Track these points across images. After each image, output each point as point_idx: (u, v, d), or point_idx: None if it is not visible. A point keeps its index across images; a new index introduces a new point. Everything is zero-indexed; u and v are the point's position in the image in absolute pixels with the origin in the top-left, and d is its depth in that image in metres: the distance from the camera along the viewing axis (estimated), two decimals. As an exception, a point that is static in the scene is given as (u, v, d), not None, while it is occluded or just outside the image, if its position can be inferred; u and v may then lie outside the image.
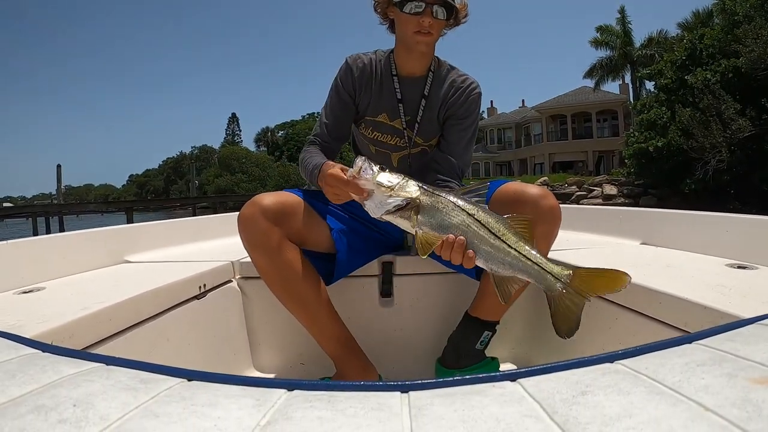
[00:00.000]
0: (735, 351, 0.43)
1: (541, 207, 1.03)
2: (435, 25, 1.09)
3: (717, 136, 11.74)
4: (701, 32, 14.05)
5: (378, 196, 0.81)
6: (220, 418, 0.35)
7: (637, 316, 0.92)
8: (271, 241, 1.00)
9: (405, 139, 1.22)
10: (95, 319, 0.82)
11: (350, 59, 1.21)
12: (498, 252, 0.80)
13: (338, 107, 1.21)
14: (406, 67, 1.19)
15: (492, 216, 0.82)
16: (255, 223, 0.99)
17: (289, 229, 1.04)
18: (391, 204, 0.80)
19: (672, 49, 15.64)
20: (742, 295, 0.80)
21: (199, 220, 1.95)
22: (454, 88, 1.20)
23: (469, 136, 1.22)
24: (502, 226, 0.81)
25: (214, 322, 1.18)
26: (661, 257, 1.22)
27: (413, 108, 1.20)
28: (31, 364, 0.47)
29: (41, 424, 0.34)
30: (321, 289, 1.08)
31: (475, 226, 0.80)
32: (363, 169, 0.81)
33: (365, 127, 1.24)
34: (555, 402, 0.36)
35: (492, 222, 0.81)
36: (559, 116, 27.69)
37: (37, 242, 1.22)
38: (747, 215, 1.24)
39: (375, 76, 1.20)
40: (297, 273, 1.03)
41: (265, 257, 1.02)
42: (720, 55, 12.79)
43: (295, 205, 1.07)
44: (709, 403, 0.34)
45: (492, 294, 1.11)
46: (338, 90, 1.21)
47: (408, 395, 0.39)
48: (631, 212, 1.66)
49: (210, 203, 25.53)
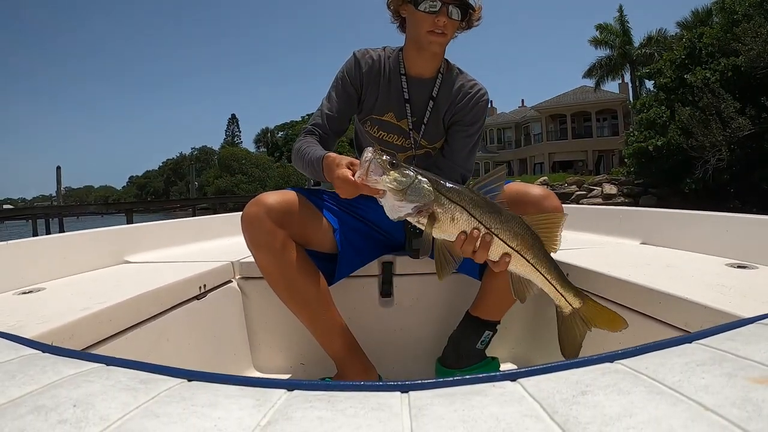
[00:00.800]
0: (735, 350, 0.43)
1: (544, 208, 1.02)
2: (449, 25, 1.07)
3: (717, 135, 11.75)
4: (700, 31, 14.07)
5: (390, 200, 0.75)
6: (221, 419, 0.35)
7: (637, 315, 0.92)
8: (275, 241, 0.99)
9: (410, 140, 1.20)
10: (95, 320, 0.82)
11: (358, 53, 1.19)
12: (514, 264, 0.79)
13: (342, 100, 1.19)
14: (416, 67, 1.17)
15: (514, 228, 0.77)
16: (260, 223, 0.98)
17: (293, 229, 1.03)
18: (404, 212, 0.75)
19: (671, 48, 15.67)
20: (742, 295, 0.80)
21: (200, 221, 1.95)
22: (462, 93, 1.18)
23: (473, 143, 1.21)
24: (523, 240, 0.78)
25: (214, 323, 1.18)
26: (661, 257, 1.22)
27: (420, 109, 1.18)
28: (31, 364, 0.47)
29: (41, 425, 0.34)
30: (324, 290, 1.07)
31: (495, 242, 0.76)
32: (372, 169, 0.74)
33: (371, 125, 1.22)
34: (555, 402, 0.36)
35: (512, 235, 0.77)
36: (559, 116, 27.68)
37: (37, 242, 1.22)
38: (747, 215, 1.23)
39: (383, 73, 1.18)
40: (300, 273, 1.02)
41: (270, 257, 1.01)
42: (719, 54, 12.79)
43: (298, 205, 1.06)
44: (709, 403, 0.34)
45: (493, 293, 1.11)
46: (344, 83, 1.18)
47: (408, 395, 0.39)
48: (631, 212, 1.65)
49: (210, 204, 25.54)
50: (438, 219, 0.76)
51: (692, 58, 13.58)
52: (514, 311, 1.30)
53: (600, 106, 26.14)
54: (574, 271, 1.13)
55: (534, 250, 0.78)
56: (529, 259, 0.78)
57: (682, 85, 13.43)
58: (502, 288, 1.07)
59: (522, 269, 0.79)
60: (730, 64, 12.22)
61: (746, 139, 11.61)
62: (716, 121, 11.80)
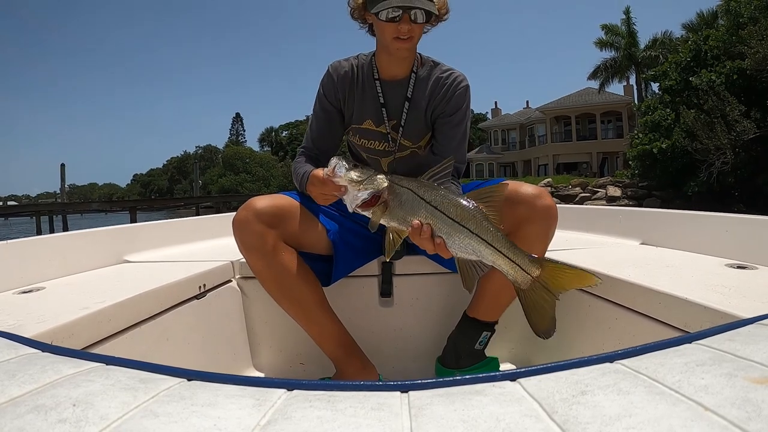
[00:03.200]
0: (735, 351, 0.43)
1: (536, 206, 1.01)
2: (414, 29, 1.05)
3: (722, 138, 11.69)
4: (706, 33, 14.01)
5: (350, 192, 0.85)
6: (220, 418, 0.35)
7: (636, 316, 0.92)
8: (265, 244, 1.01)
9: (392, 144, 1.19)
10: (95, 319, 0.82)
11: (332, 66, 1.19)
12: (459, 238, 0.79)
13: (322, 117, 1.19)
14: (389, 70, 1.16)
15: (456, 202, 0.80)
16: (248, 226, 1.00)
17: (285, 232, 1.04)
18: (360, 198, 0.84)
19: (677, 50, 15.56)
20: (742, 295, 0.80)
21: (199, 220, 1.95)
22: (440, 85, 1.16)
23: (461, 132, 1.18)
24: (466, 211, 0.79)
25: (213, 322, 1.18)
26: (660, 257, 1.22)
27: (397, 110, 1.17)
28: (30, 363, 0.47)
29: (41, 424, 0.34)
30: (317, 291, 1.08)
31: (437, 214, 0.81)
32: (336, 166, 0.86)
33: (353, 135, 1.22)
34: (555, 402, 0.36)
35: (454, 208, 0.80)
36: (564, 117, 27.62)
37: (37, 242, 1.22)
38: (746, 215, 1.23)
39: (357, 81, 1.17)
40: (292, 275, 1.03)
41: (261, 260, 1.02)
42: (725, 57, 12.74)
43: (290, 208, 1.07)
44: (709, 403, 0.34)
45: (489, 294, 1.11)
46: (321, 101, 1.19)
47: (408, 395, 0.39)
48: (631, 212, 1.66)
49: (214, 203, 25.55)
50: (389, 204, 0.83)
51: (697, 60, 13.51)
52: (514, 311, 1.30)
53: (605, 108, 26.04)
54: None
55: (477, 220, 0.78)
56: (472, 229, 0.78)
57: (687, 88, 13.36)
58: (498, 288, 1.07)
59: (468, 243, 0.78)
60: (736, 67, 12.16)
61: (751, 142, 11.54)
62: (721, 124, 11.73)
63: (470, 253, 0.79)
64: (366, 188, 0.84)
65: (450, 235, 0.80)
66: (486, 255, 0.78)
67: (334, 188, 0.87)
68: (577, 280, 0.77)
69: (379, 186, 0.84)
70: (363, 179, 0.84)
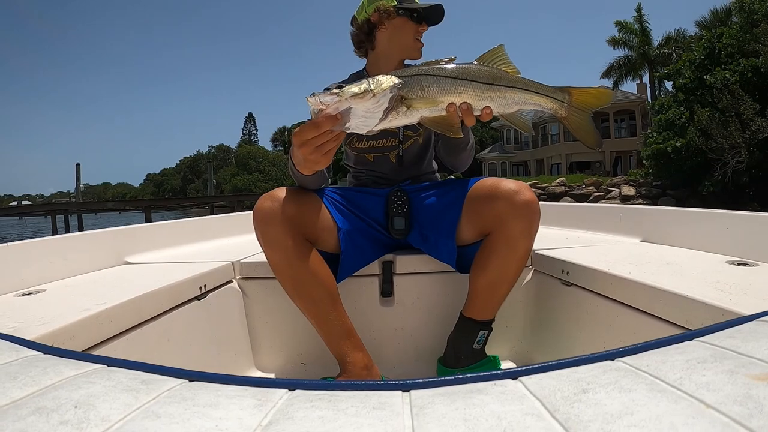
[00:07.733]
0: (736, 348, 0.43)
1: (515, 202, 0.99)
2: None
3: (736, 137, 11.56)
4: (719, 31, 13.85)
5: (360, 109, 0.71)
6: (222, 419, 0.35)
7: (637, 313, 0.92)
8: (288, 239, 0.98)
9: (400, 137, 1.27)
10: (96, 321, 0.82)
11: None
12: (499, 96, 0.83)
13: None
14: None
15: (480, 68, 0.82)
16: (273, 219, 0.97)
17: (304, 227, 1.02)
18: (381, 107, 0.71)
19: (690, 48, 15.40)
20: (743, 292, 0.80)
21: (200, 221, 1.95)
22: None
23: None
24: (492, 71, 0.82)
25: (215, 323, 1.18)
26: (661, 254, 1.22)
27: None
28: (32, 365, 0.47)
29: (42, 426, 0.34)
30: (333, 289, 1.06)
31: (469, 84, 0.80)
32: (320, 96, 0.70)
33: (358, 141, 1.29)
34: (556, 400, 0.36)
35: (481, 74, 0.81)
36: (576, 116, 27.46)
37: (37, 244, 1.22)
38: (747, 212, 1.23)
39: None
40: (311, 273, 1.01)
41: (282, 255, 0.99)
42: (739, 55, 12.60)
43: (311, 202, 1.06)
44: (711, 400, 0.34)
45: (481, 293, 1.11)
46: None
47: (409, 394, 0.39)
48: (631, 210, 1.65)
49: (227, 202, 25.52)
50: (411, 98, 0.77)
51: (711, 58, 13.37)
52: (514, 310, 1.30)
53: (618, 106, 25.76)
54: (574, 270, 1.12)
55: (502, 76, 0.83)
56: (506, 84, 0.83)
57: (701, 86, 13.23)
58: (489, 286, 1.06)
59: (510, 97, 0.84)
60: (750, 65, 12.02)
61: (766, 141, 11.40)
62: (735, 123, 11.59)
63: (511, 105, 0.84)
64: (380, 92, 0.71)
65: (492, 99, 0.82)
66: (527, 99, 0.84)
67: (332, 120, 0.72)
68: (598, 96, 0.89)
69: (393, 81, 0.72)
70: (370, 87, 0.71)
